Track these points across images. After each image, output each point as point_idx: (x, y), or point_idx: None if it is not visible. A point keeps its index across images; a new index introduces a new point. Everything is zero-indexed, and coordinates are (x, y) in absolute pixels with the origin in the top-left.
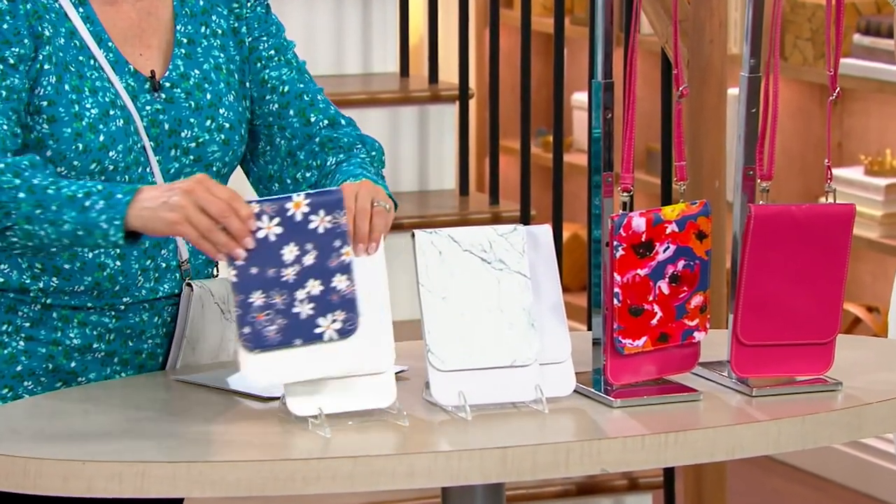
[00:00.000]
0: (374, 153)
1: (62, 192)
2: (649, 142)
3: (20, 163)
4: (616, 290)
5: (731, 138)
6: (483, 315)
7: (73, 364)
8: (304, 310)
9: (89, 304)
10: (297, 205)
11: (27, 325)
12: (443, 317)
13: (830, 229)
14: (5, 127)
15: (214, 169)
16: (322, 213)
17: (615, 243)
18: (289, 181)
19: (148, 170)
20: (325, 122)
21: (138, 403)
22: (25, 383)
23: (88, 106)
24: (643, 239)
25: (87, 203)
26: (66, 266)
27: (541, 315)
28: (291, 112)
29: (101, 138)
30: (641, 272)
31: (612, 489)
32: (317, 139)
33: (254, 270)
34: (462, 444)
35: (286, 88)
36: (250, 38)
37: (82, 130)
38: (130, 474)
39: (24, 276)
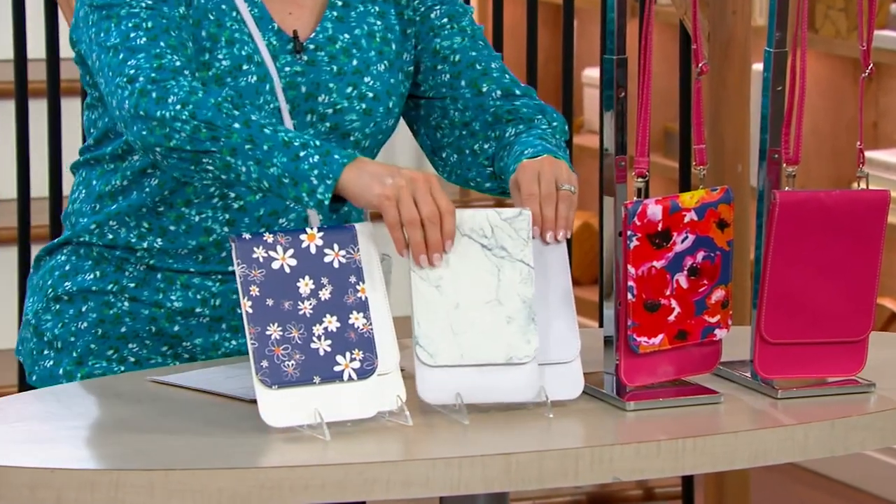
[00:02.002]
0: (555, 124)
1: (279, 135)
2: (667, 122)
3: (236, 98)
4: (630, 283)
5: (756, 119)
6: (480, 307)
7: (176, 328)
8: (322, 346)
9: (192, 269)
10: (312, 237)
11: (132, 285)
12: (435, 307)
13: (863, 217)
14: (180, 62)
15: (352, 139)
16: (336, 247)
17: (629, 233)
18: (467, 152)
19: (329, 141)
20: (499, 92)
21: (114, 406)
22: (130, 345)
23: (220, 57)
24: (659, 228)
25: (302, 154)
26: (172, 228)
27: (548, 309)
28: (463, 83)
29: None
30: (657, 264)
31: (625, 500)
32: (491, 110)
33: (269, 302)
34: (462, 450)
35: (458, 58)
36: (423, 7)
37: (207, 80)
38: (104, 483)
39: (131, 235)
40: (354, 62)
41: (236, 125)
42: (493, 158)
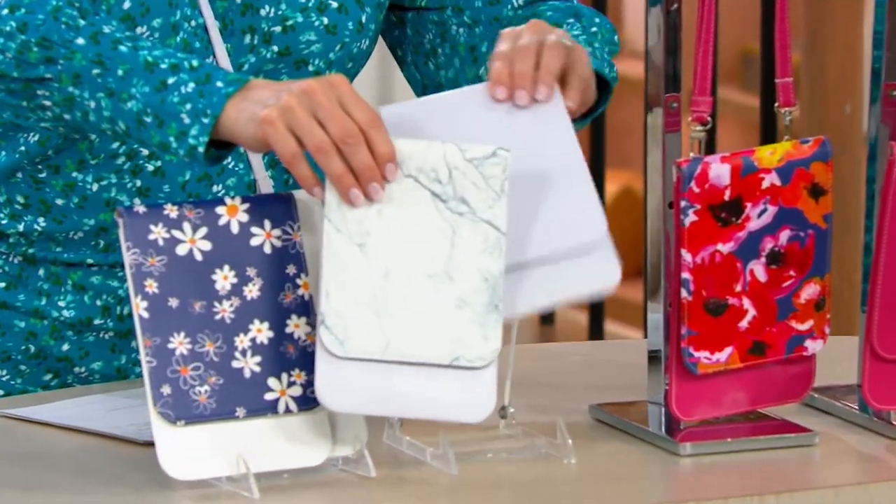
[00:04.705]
0: (594, 30)
1: (140, 53)
2: (745, 42)
3: (84, 3)
4: (685, 275)
5: (869, 39)
6: (420, 281)
7: (65, 347)
8: (248, 365)
9: (90, 261)
10: (233, 210)
11: (2, 285)
12: (355, 274)
13: None
14: None
15: (311, 69)
16: (267, 224)
17: (684, 204)
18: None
19: (210, 62)
20: None
21: None
22: None
23: None
24: (727, 197)
25: (171, 80)
26: (59, 201)
27: (553, 186)
28: None
29: (126, 5)
30: (724, 248)
31: None
32: (505, 22)
33: (173, 303)
34: None
35: None
36: None
37: None
38: None
39: (1, 214)
40: None
41: (80, 41)
42: None
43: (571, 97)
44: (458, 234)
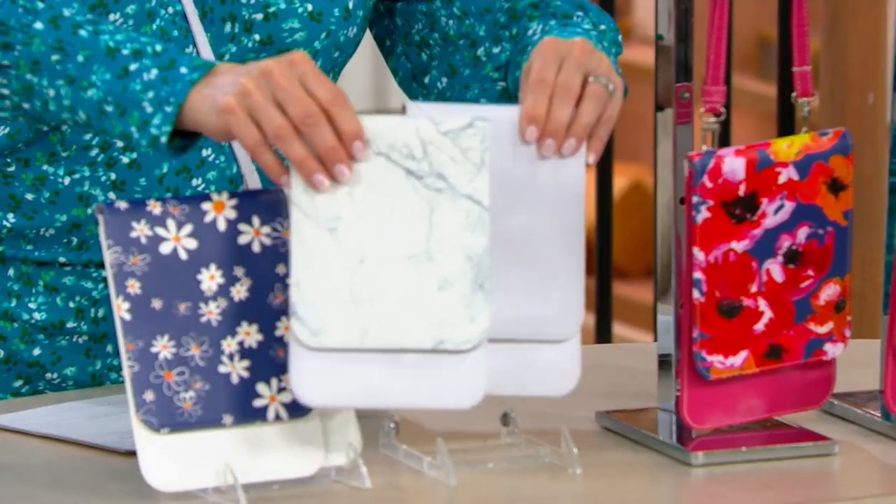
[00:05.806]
0: (603, 27)
1: (101, 38)
2: (761, 28)
3: None
4: (698, 275)
5: (893, 25)
6: (398, 264)
7: (36, 351)
8: (236, 370)
9: (62, 260)
10: (219, 206)
11: None
12: (327, 262)
13: None
14: None
15: None
16: (256, 221)
17: (696, 199)
18: (462, 68)
19: (190, 52)
20: None
21: None
22: None
23: None
24: (741, 193)
25: (134, 67)
26: (30, 196)
27: (545, 258)
28: None
29: None
30: (738, 246)
31: None
32: (505, 7)
33: (156, 304)
34: None
35: None
36: None
37: None
38: None
39: None
40: None
41: (38, 25)
42: (506, 67)
43: (594, 149)
44: (437, 212)
